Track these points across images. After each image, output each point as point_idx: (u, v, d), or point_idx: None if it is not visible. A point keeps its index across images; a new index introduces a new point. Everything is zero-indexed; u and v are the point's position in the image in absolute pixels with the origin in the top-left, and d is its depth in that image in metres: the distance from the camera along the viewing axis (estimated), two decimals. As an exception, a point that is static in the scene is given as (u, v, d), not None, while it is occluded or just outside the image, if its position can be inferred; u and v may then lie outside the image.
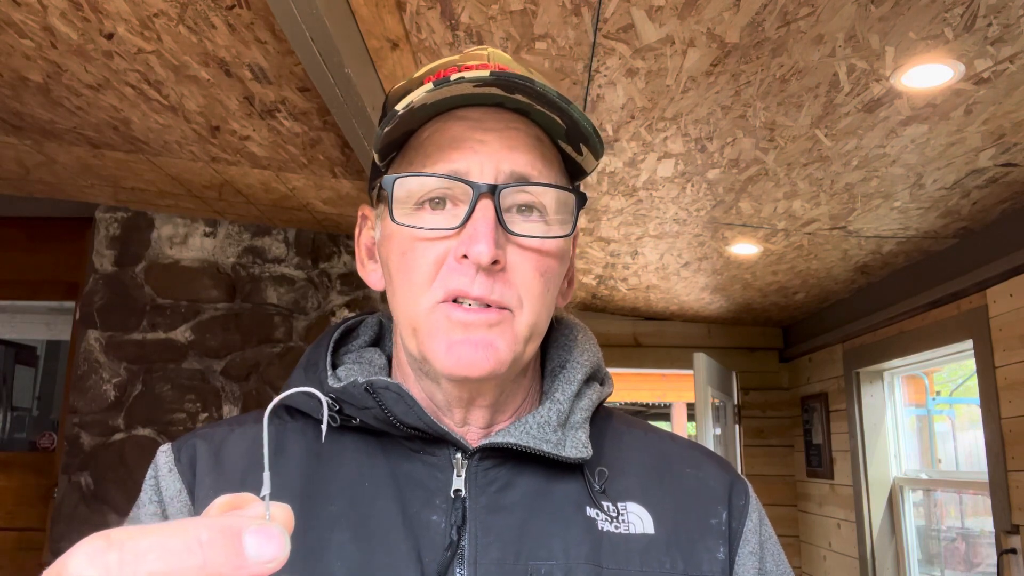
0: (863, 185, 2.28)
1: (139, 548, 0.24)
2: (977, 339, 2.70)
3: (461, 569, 0.57)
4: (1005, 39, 1.50)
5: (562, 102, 0.57)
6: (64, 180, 3.15)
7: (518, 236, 0.59)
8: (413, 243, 0.59)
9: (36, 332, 4.67)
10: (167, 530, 0.25)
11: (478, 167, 0.58)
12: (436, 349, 0.58)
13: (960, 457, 4.09)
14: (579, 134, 0.60)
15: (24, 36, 1.83)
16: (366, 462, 0.62)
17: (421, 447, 0.62)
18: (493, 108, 0.61)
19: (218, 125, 2.30)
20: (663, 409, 10.19)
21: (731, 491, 0.67)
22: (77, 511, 3.32)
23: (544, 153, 0.61)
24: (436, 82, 0.57)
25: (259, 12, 1.64)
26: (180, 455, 0.63)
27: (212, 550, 0.24)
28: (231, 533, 0.25)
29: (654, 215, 2.69)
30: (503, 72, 0.57)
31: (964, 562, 3.66)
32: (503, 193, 0.58)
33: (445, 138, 0.60)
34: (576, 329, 0.72)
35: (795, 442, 4.35)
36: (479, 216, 0.57)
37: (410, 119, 0.60)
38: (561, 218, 0.60)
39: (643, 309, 4.26)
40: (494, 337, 0.58)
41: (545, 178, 0.60)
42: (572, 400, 0.65)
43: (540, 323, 0.61)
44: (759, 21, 1.49)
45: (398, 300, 0.61)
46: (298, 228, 3.69)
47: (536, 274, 0.59)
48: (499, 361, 0.58)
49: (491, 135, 0.59)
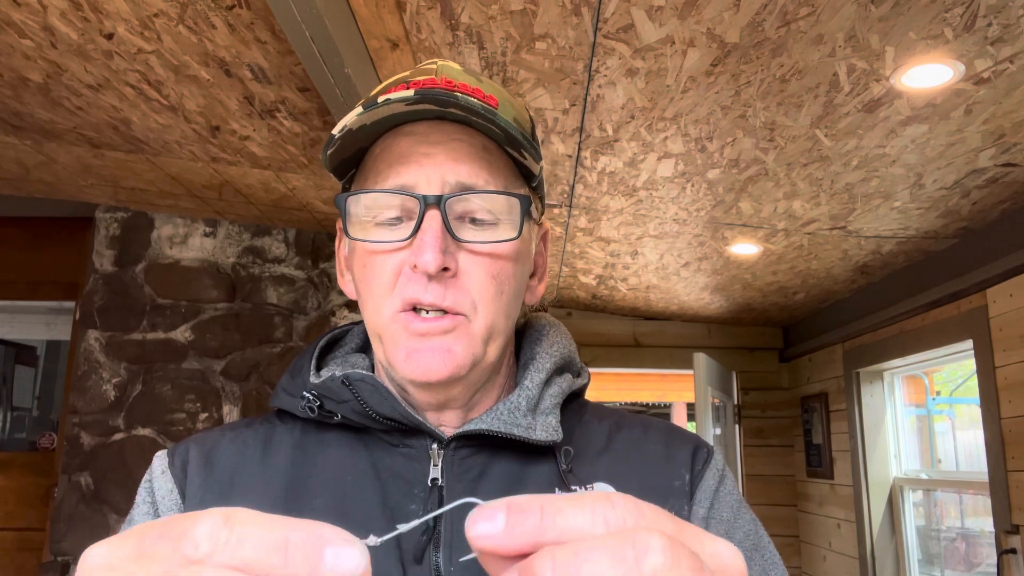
0: (863, 185, 2.28)
1: (243, 534, 0.25)
2: (977, 339, 2.70)
3: (437, 553, 0.60)
4: (1005, 39, 1.50)
5: (488, 113, 0.60)
6: (64, 180, 3.15)
7: (466, 243, 0.62)
8: (371, 256, 0.63)
9: (36, 332, 4.67)
10: (268, 524, 0.26)
11: (424, 180, 0.61)
12: (398, 357, 0.61)
13: (960, 457, 4.09)
14: (514, 141, 0.63)
15: (24, 36, 1.83)
16: (348, 457, 0.65)
17: (400, 439, 0.65)
18: (438, 121, 0.64)
19: (218, 125, 2.30)
20: (663, 409, 10.19)
21: (694, 455, 0.69)
22: (77, 511, 3.32)
23: (490, 161, 0.64)
24: (365, 105, 0.61)
25: (259, 12, 1.64)
26: (174, 459, 0.67)
27: (295, 553, 0.25)
28: (317, 542, 0.25)
29: (654, 215, 2.69)
30: (430, 89, 0.60)
31: (964, 562, 3.66)
32: (449, 203, 0.61)
33: (393, 154, 0.63)
34: (547, 325, 0.75)
35: (795, 442, 4.35)
36: (426, 227, 0.59)
37: (357, 138, 0.63)
38: (511, 222, 0.63)
39: (643, 309, 4.26)
40: (450, 342, 0.61)
41: (493, 186, 0.63)
42: (541, 387, 0.67)
43: (498, 324, 0.63)
44: (759, 21, 1.49)
45: (365, 310, 0.65)
46: (298, 228, 3.69)
47: (488, 278, 0.62)
48: (457, 365, 0.61)
49: (436, 148, 0.62)
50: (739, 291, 3.70)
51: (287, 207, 3.26)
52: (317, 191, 2.97)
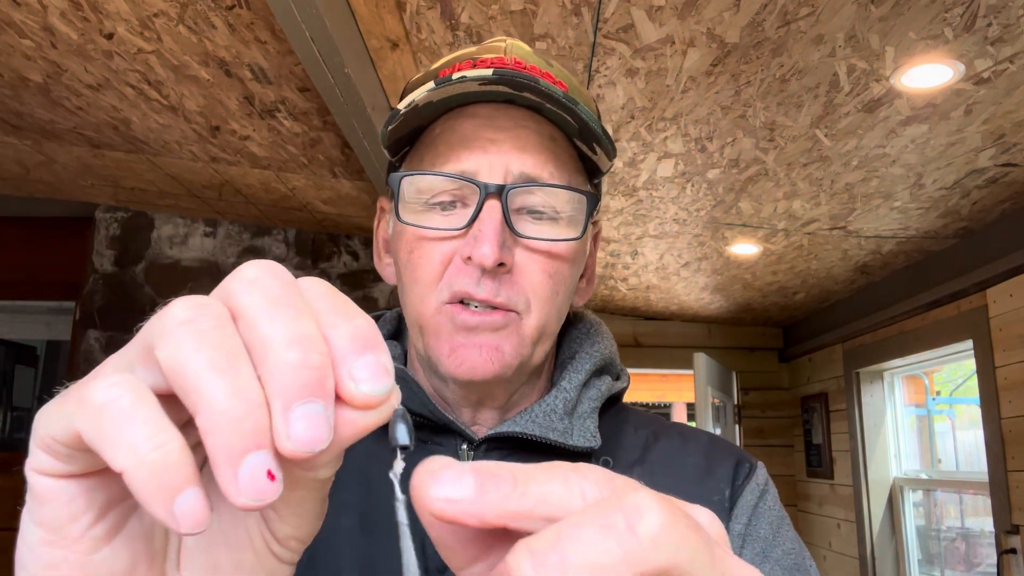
0: (863, 185, 2.28)
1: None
2: (977, 339, 2.70)
3: None
4: (1005, 39, 1.50)
5: (569, 102, 0.56)
6: (64, 180, 3.15)
7: (526, 238, 0.58)
8: (420, 242, 0.59)
9: (36, 332, 4.66)
10: None
11: (487, 167, 0.57)
12: (440, 351, 0.58)
13: (960, 457, 4.08)
14: (590, 133, 0.59)
15: (24, 36, 1.83)
16: (376, 451, 0.63)
17: (429, 436, 0.61)
18: (505, 104, 0.60)
19: (218, 125, 2.30)
20: (663, 409, 10.20)
21: (736, 470, 0.66)
22: (77, 511, 3.32)
23: (557, 153, 0.60)
24: (438, 81, 0.56)
25: (259, 12, 1.64)
26: None
27: None
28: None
29: (654, 215, 2.69)
30: (508, 70, 0.56)
31: (964, 562, 3.66)
32: (511, 194, 0.57)
33: (455, 136, 0.59)
34: (591, 324, 0.71)
35: (795, 442, 4.35)
36: (485, 217, 0.56)
37: (419, 115, 0.59)
38: (572, 219, 0.59)
39: (643, 309, 4.26)
40: (500, 340, 0.57)
41: (557, 179, 0.59)
42: (579, 389, 0.63)
43: (549, 325, 0.60)
44: (759, 21, 1.49)
45: (407, 298, 0.61)
46: (298, 228, 3.69)
47: (545, 276, 0.58)
48: (504, 365, 0.57)
49: (502, 134, 0.58)
50: (739, 291, 3.70)
51: (287, 207, 3.26)
52: (317, 191, 2.97)
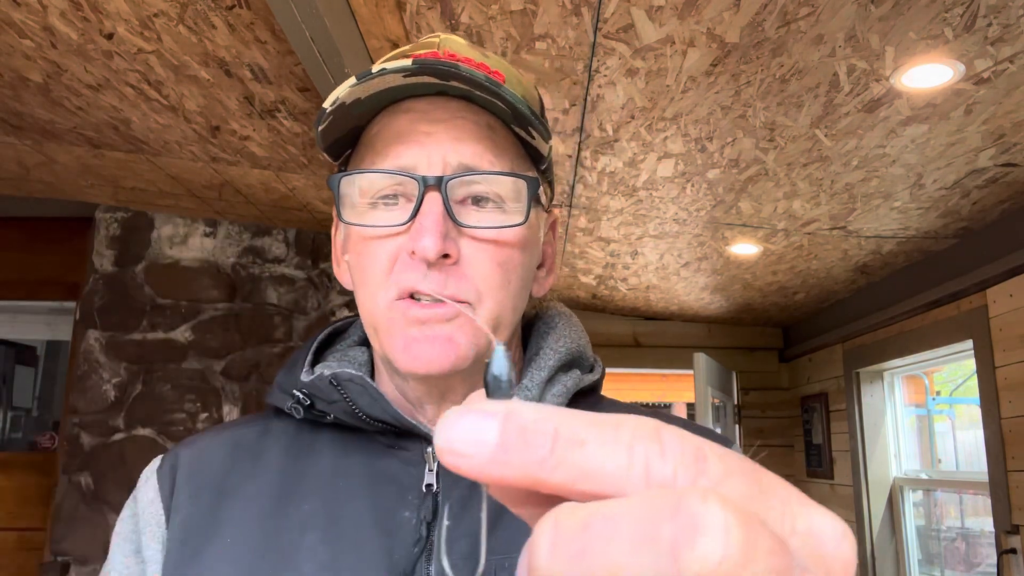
0: (863, 185, 2.28)
1: None
2: (977, 339, 2.70)
3: (428, 565, 0.55)
4: (1005, 39, 1.50)
5: (492, 85, 0.55)
6: (64, 180, 3.15)
7: (469, 228, 0.57)
8: (366, 242, 0.59)
9: (36, 332, 4.66)
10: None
11: (425, 160, 0.57)
12: (395, 347, 0.57)
13: (960, 457, 4.09)
14: (522, 118, 0.58)
15: (24, 36, 1.83)
16: (342, 459, 0.61)
17: (394, 441, 0.61)
18: (440, 98, 0.59)
19: (218, 125, 2.30)
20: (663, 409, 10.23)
21: None
22: (77, 511, 3.32)
23: (496, 141, 0.59)
24: (359, 76, 0.56)
25: (259, 12, 1.64)
26: (163, 464, 0.65)
27: None
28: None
29: (654, 215, 2.69)
30: (429, 59, 0.55)
31: (964, 562, 3.66)
32: (451, 184, 0.56)
33: (391, 132, 0.59)
34: (556, 317, 0.69)
35: (795, 442, 4.35)
36: (426, 210, 0.55)
37: (352, 115, 0.59)
38: (517, 207, 0.58)
39: (643, 309, 4.26)
40: (453, 331, 0.56)
41: (497, 167, 0.58)
42: (542, 386, 0.63)
43: (504, 316, 0.59)
44: (759, 21, 1.49)
45: (359, 299, 0.61)
46: (298, 228, 3.69)
47: (494, 265, 0.58)
48: (459, 356, 0.56)
49: (438, 126, 0.58)
50: (739, 291, 3.70)
51: (287, 207, 3.26)
52: (317, 191, 2.97)
